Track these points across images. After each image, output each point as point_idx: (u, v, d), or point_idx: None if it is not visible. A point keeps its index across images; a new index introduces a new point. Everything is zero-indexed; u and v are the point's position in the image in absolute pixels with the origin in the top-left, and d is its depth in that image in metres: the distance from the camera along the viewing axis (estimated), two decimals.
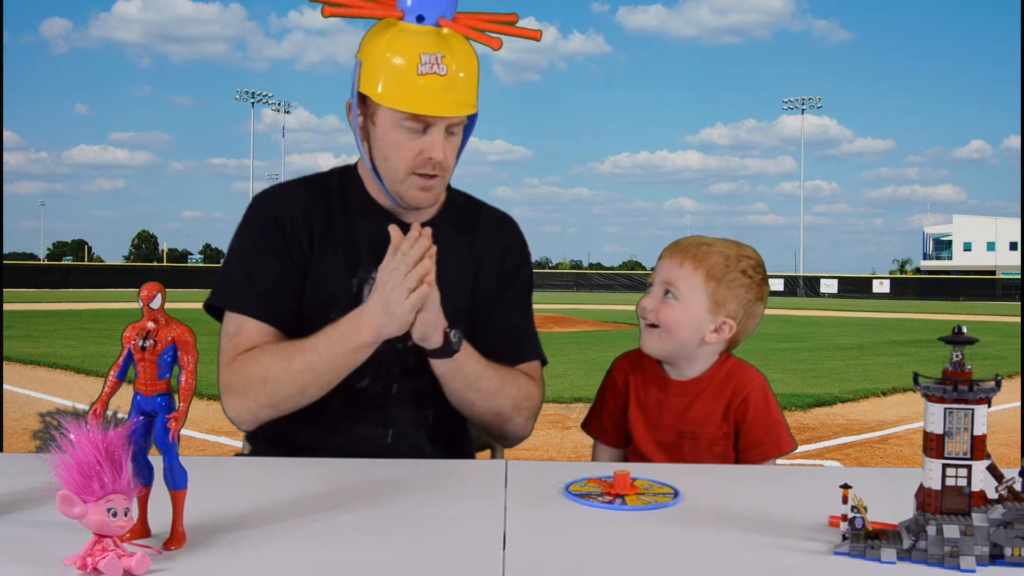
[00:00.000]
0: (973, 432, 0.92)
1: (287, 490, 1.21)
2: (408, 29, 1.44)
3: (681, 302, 1.58)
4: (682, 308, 1.57)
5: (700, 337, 1.59)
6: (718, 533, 1.06)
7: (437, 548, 1.00)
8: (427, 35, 1.44)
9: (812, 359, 11.52)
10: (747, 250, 1.63)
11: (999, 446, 4.51)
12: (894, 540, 0.96)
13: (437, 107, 1.44)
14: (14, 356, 9.82)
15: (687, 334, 1.58)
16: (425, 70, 1.42)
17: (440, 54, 1.43)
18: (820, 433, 6.42)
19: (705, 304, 1.58)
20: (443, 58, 1.43)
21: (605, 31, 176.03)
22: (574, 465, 1.52)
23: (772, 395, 1.63)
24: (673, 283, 1.58)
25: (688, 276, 1.58)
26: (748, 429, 1.58)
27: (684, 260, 1.59)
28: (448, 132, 1.49)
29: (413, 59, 1.42)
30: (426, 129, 1.47)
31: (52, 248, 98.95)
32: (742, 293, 1.59)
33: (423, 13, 1.44)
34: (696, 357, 1.62)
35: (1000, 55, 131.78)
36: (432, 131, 1.47)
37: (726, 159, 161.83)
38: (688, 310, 1.57)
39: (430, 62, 1.42)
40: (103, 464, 0.86)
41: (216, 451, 5.34)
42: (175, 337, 0.96)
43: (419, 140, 1.47)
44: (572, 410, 6.91)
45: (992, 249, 66.98)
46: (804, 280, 47.34)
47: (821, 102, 67.01)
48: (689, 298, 1.58)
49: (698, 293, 1.58)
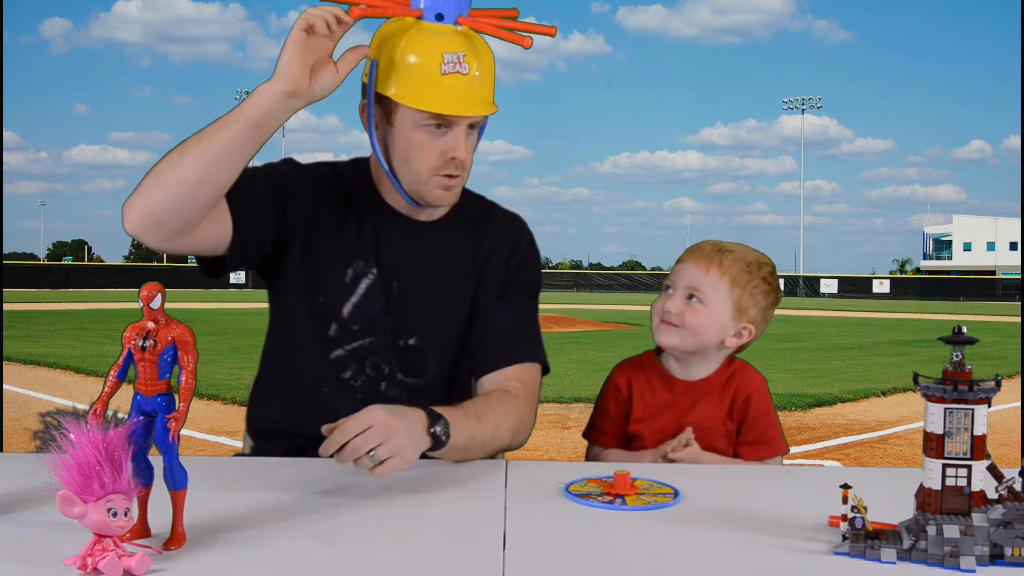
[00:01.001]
0: (973, 432, 0.92)
1: (287, 490, 1.21)
2: (428, 28, 1.42)
3: (707, 306, 1.60)
4: (708, 312, 1.60)
5: (721, 340, 1.62)
6: (718, 533, 1.06)
7: (437, 548, 1.00)
8: (448, 34, 1.42)
9: (812, 359, 11.50)
10: (763, 256, 1.67)
11: (999, 446, 4.51)
12: (894, 540, 0.96)
13: (463, 106, 1.43)
14: (14, 356, 9.81)
15: (711, 337, 1.61)
16: (448, 69, 1.40)
17: (462, 53, 1.41)
18: (820, 433, 6.42)
19: (729, 310, 1.61)
20: (465, 57, 1.41)
21: (605, 31, 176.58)
22: (574, 465, 1.52)
23: (770, 397, 1.66)
24: (699, 288, 1.61)
25: (715, 282, 1.60)
26: (749, 427, 1.61)
27: (710, 266, 1.61)
28: (469, 130, 1.48)
29: (436, 58, 1.40)
30: (448, 129, 1.46)
31: (52, 248, 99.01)
32: (761, 299, 1.63)
33: (442, 11, 1.42)
34: (709, 359, 1.65)
35: (1000, 55, 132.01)
36: (455, 130, 1.46)
37: (726, 159, 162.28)
38: (714, 314, 1.60)
39: (453, 61, 1.41)
40: (103, 464, 0.86)
41: (216, 451, 5.34)
42: (175, 337, 0.96)
43: (442, 140, 1.46)
44: (572, 410, 6.90)
45: (992, 249, 66.95)
46: (804, 280, 47.29)
47: (821, 102, 66.98)
48: (715, 303, 1.60)
49: (723, 298, 1.60)
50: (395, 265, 1.56)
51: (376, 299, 1.55)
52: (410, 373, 1.56)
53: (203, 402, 6.97)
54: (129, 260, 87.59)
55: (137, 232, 1.32)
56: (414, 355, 1.55)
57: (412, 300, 1.56)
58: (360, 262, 1.55)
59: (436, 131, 1.45)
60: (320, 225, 1.55)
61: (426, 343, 1.57)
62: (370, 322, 1.55)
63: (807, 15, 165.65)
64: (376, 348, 1.54)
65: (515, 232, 1.69)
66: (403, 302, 1.56)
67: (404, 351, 1.55)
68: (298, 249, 1.54)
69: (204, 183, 1.31)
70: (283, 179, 1.55)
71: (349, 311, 1.54)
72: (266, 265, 1.56)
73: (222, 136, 1.30)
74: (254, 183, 1.46)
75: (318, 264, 1.55)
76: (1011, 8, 3.44)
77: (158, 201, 1.31)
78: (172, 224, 1.33)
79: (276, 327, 1.64)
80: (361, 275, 1.55)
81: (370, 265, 1.55)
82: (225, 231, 1.43)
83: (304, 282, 1.55)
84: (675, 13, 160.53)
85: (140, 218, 1.31)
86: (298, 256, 1.54)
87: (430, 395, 1.54)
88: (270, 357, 1.66)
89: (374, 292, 1.55)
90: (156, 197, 1.31)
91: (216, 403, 7.02)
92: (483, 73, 1.44)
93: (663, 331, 1.62)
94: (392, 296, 1.56)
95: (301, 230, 1.54)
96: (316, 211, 1.55)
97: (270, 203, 1.51)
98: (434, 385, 1.56)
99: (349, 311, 1.54)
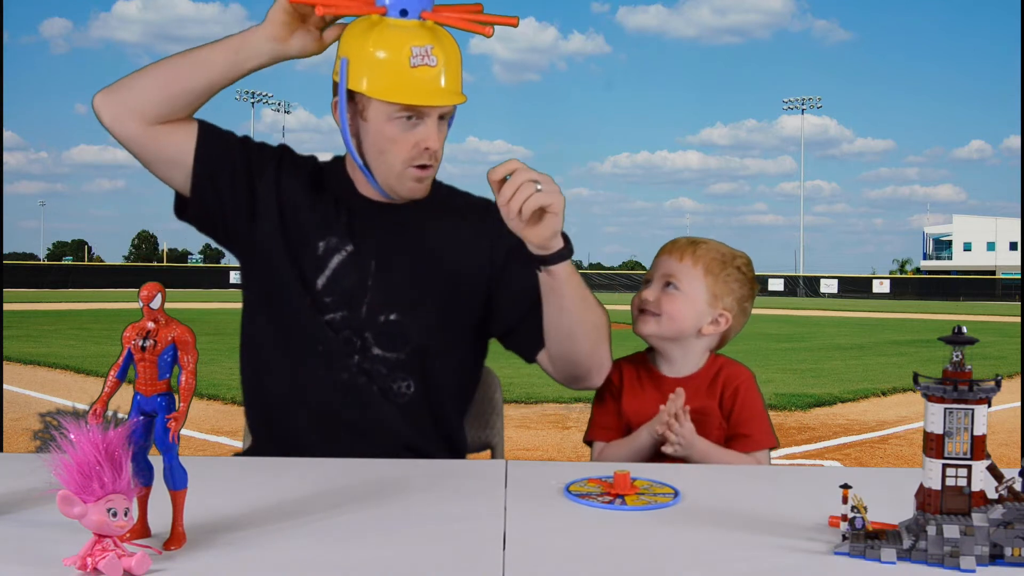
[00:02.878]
0: (973, 432, 0.92)
1: (287, 490, 1.21)
2: (394, 24, 1.47)
3: (683, 292, 1.65)
4: (684, 298, 1.64)
5: (698, 328, 1.65)
6: (718, 533, 1.06)
7: (437, 548, 1.00)
8: (414, 28, 1.47)
9: (812, 359, 11.51)
10: (739, 251, 1.73)
11: (999, 446, 4.50)
12: (894, 540, 0.96)
13: (433, 97, 1.48)
14: (14, 356, 9.81)
15: (689, 323, 1.65)
16: (417, 62, 1.45)
17: (429, 46, 1.46)
18: (820, 433, 6.42)
19: (704, 296, 1.65)
20: (432, 49, 1.46)
21: (605, 31, 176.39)
22: (574, 465, 1.52)
23: (759, 391, 1.68)
24: (674, 275, 1.66)
25: (688, 269, 1.66)
26: (736, 420, 1.63)
27: (683, 255, 1.67)
28: (439, 122, 1.52)
29: (404, 52, 1.45)
30: (420, 120, 1.50)
31: (52, 248, 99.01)
32: (736, 288, 1.68)
33: (406, 7, 1.47)
34: (690, 349, 1.67)
35: (1000, 55, 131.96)
36: (427, 121, 1.50)
37: (726, 159, 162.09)
38: (689, 300, 1.64)
39: (421, 54, 1.45)
40: (103, 464, 0.86)
41: (216, 451, 5.34)
42: (175, 337, 0.96)
43: (414, 132, 1.50)
44: (572, 410, 6.91)
45: (992, 249, 66.95)
46: (804, 280, 47.29)
47: (821, 102, 67.05)
48: (690, 289, 1.65)
49: (698, 285, 1.65)
50: (372, 243, 1.60)
51: (349, 275, 1.59)
52: (387, 347, 1.58)
53: (203, 402, 6.97)
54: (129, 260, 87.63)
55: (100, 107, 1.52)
56: (393, 329, 1.57)
57: (391, 277, 1.59)
58: (333, 238, 1.60)
59: (408, 123, 1.50)
60: (297, 199, 1.61)
61: (405, 319, 1.59)
62: (342, 297, 1.58)
63: (807, 15, 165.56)
64: (348, 322, 1.57)
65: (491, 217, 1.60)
66: (382, 279, 1.59)
67: (382, 326, 1.58)
68: (274, 220, 1.60)
69: (176, 78, 1.52)
70: (267, 149, 1.65)
71: (323, 284, 1.59)
72: (239, 222, 1.60)
73: (203, 48, 1.53)
74: (232, 138, 1.62)
75: (291, 236, 1.59)
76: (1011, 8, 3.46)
77: (134, 82, 1.53)
78: (144, 105, 1.51)
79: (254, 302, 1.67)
80: (334, 251, 1.59)
81: (344, 242, 1.59)
82: (187, 145, 1.56)
83: (285, 250, 1.59)
84: (675, 13, 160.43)
85: (108, 94, 1.52)
86: (274, 227, 1.59)
87: (407, 369, 1.58)
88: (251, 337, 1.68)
89: (346, 268, 1.59)
90: (132, 79, 1.53)
91: (216, 403, 7.02)
92: (450, 64, 1.49)
93: (641, 321, 1.67)
94: (370, 273, 1.59)
95: (275, 202, 1.60)
96: (295, 187, 1.62)
97: (239, 156, 1.60)
98: (412, 360, 1.58)
99: (323, 284, 1.59)
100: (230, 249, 1.67)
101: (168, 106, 1.52)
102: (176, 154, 1.55)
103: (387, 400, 1.58)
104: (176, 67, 1.53)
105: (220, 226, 1.62)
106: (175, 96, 1.52)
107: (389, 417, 1.58)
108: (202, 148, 1.56)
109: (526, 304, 1.59)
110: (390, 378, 1.58)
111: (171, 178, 1.58)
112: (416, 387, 1.59)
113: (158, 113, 1.52)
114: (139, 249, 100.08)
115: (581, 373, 1.64)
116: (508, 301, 1.63)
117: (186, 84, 1.51)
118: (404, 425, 1.58)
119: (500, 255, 1.63)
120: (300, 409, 1.59)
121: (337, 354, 1.57)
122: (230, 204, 1.59)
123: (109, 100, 1.52)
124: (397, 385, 1.59)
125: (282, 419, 1.61)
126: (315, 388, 1.58)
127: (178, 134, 1.55)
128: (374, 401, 1.57)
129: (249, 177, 1.60)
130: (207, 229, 1.64)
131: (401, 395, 1.59)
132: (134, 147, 1.54)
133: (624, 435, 1.66)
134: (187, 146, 1.55)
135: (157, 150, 1.55)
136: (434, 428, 1.63)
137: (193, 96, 1.52)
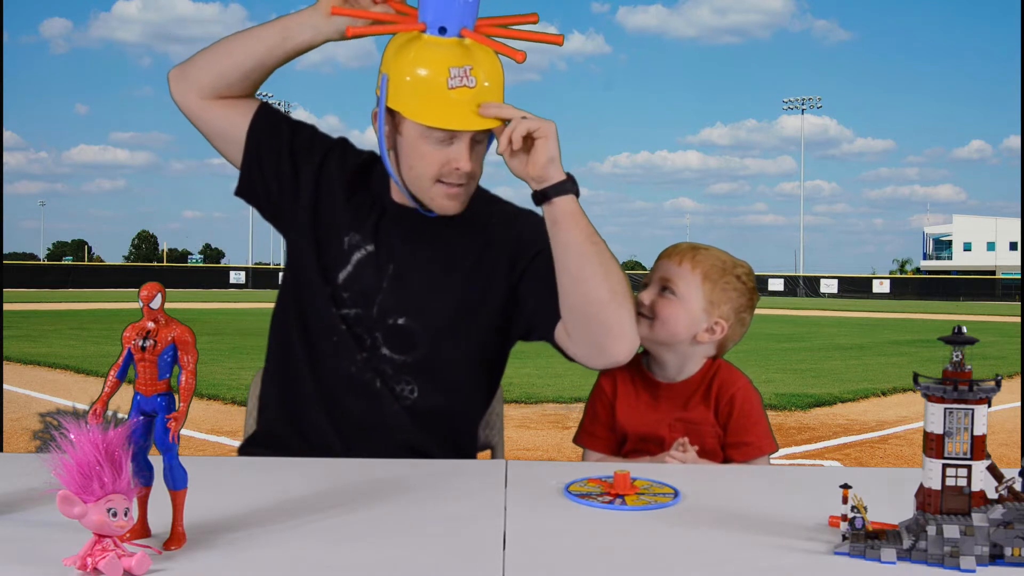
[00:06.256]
0: (973, 432, 0.92)
1: (287, 490, 1.22)
2: (433, 42, 1.44)
3: (678, 297, 1.62)
4: (679, 303, 1.62)
5: (693, 335, 1.62)
6: (718, 533, 1.06)
7: (437, 548, 1.00)
8: (453, 47, 1.44)
9: (812, 359, 11.51)
10: (740, 260, 1.69)
11: (999, 446, 4.49)
12: (894, 540, 0.96)
13: (468, 121, 1.45)
14: (14, 356, 9.81)
15: (682, 329, 1.61)
16: (455, 83, 1.43)
17: (468, 66, 1.44)
18: (820, 433, 6.42)
19: (701, 302, 1.62)
20: (471, 70, 1.44)
21: (605, 31, 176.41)
22: (574, 465, 1.52)
23: (758, 396, 1.66)
24: (671, 280, 1.63)
25: (686, 274, 1.62)
26: (733, 428, 1.61)
27: (683, 260, 1.64)
28: (475, 141, 1.50)
29: (443, 73, 1.43)
30: (453, 139, 1.48)
31: (52, 248, 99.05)
32: (735, 297, 1.64)
33: (445, 25, 1.44)
34: (686, 357, 1.65)
35: (1000, 55, 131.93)
36: (458, 142, 1.48)
37: (726, 159, 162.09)
38: (685, 306, 1.61)
39: (459, 75, 1.43)
40: (103, 464, 0.86)
41: (216, 451, 5.34)
42: (175, 337, 0.96)
43: (445, 151, 1.49)
44: (572, 410, 6.91)
45: (992, 249, 66.92)
46: (804, 280, 47.27)
47: (821, 102, 67.10)
48: (686, 294, 1.62)
49: (695, 291, 1.62)
50: (393, 247, 1.60)
51: (367, 274, 1.59)
52: (394, 349, 1.59)
53: (203, 402, 6.97)
54: (129, 260, 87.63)
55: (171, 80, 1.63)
56: (402, 334, 1.58)
57: (406, 283, 1.59)
58: (357, 236, 1.61)
59: (441, 142, 1.48)
60: (335, 191, 1.64)
61: (415, 324, 1.59)
62: (359, 294, 1.59)
63: (807, 15, 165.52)
64: (361, 319, 1.58)
65: (521, 219, 1.66)
66: (397, 283, 1.59)
67: (392, 329, 1.58)
68: (309, 209, 1.62)
69: (228, 54, 1.59)
70: (320, 138, 1.69)
71: (343, 278, 1.60)
72: (284, 202, 1.65)
73: (257, 27, 1.60)
74: (286, 121, 1.68)
75: (321, 227, 1.63)
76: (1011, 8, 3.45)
77: (197, 57, 1.62)
78: (200, 79, 1.60)
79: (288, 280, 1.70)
80: (356, 247, 1.60)
81: (367, 241, 1.60)
82: (242, 122, 1.63)
83: (313, 239, 1.62)
84: (675, 13, 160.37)
85: (178, 68, 1.63)
86: (308, 215, 1.62)
87: (412, 372, 1.59)
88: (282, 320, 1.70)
89: (365, 267, 1.60)
90: (198, 55, 1.62)
91: (216, 403, 7.02)
92: (492, 84, 1.47)
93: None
94: (387, 276, 1.59)
95: (313, 191, 1.63)
96: (337, 180, 1.65)
97: (287, 139, 1.65)
98: (419, 365, 1.59)
99: (343, 278, 1.60)
100: (277, 228, 1.70)
101: (222, 81, 1.59)
102: (229, 128, 1.63)
103: (393, 399, 1.59)
104: (230, 44, 1.60)
105: (265, 203, 1.67)
106: (226, 72, 1.59)
107: (394, 416, 1.58)
108: (255, 127, 1.63)
109: (544, 288, 1.55)
110: (395, 379, 1.59)
111: (227, 152, 1.66)
112: (421, 392, 1.59)
113: (213, 87, 1.60)
114: (139, 249, 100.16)
115: (600, 337, 1.51)
116: (528, 291, 1.60)
117: (237, 60, 1.58)
118: (409, 426, 1.59)
119: (525, 258, 1.60)
120: (313, 389, 1.61)
121: (347, 347, 1.58)
122: (274, 184, 1.64)
123: (177, 74, 1.63)
124: (401, 387, 1.59)
125: (295, 396, 1.64)
126: (326, 374, 1.60)
127: (235, 111, 1.63)
128: (380, 398, 1.58)
129: (293, 161, 1.64)
130: (257, 204, 1.69)
131: (405, 397, 1.59)
132: (193, 119, 1.63)
133: (615, 443, 1.66)
134: (242, 123, 1.63)
135: (212, 124, 1.63)
136: (441, 434, 1.63)
137: (242, 73, 1.59)
